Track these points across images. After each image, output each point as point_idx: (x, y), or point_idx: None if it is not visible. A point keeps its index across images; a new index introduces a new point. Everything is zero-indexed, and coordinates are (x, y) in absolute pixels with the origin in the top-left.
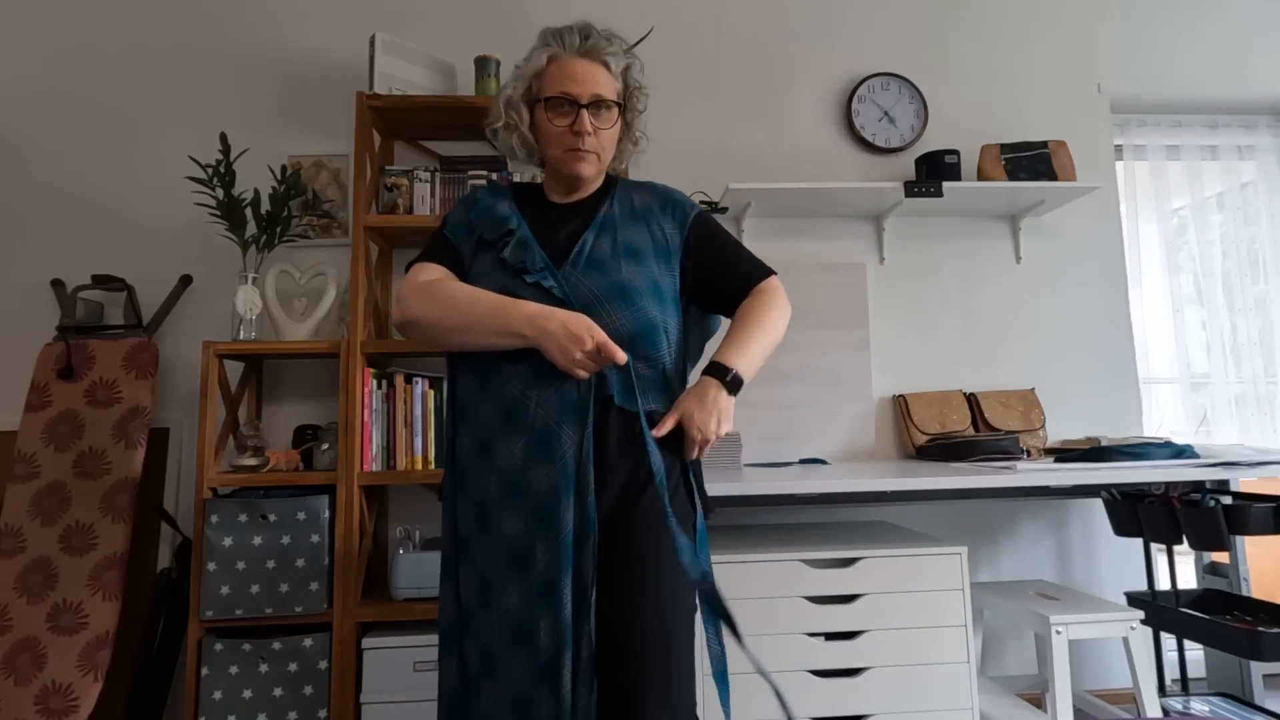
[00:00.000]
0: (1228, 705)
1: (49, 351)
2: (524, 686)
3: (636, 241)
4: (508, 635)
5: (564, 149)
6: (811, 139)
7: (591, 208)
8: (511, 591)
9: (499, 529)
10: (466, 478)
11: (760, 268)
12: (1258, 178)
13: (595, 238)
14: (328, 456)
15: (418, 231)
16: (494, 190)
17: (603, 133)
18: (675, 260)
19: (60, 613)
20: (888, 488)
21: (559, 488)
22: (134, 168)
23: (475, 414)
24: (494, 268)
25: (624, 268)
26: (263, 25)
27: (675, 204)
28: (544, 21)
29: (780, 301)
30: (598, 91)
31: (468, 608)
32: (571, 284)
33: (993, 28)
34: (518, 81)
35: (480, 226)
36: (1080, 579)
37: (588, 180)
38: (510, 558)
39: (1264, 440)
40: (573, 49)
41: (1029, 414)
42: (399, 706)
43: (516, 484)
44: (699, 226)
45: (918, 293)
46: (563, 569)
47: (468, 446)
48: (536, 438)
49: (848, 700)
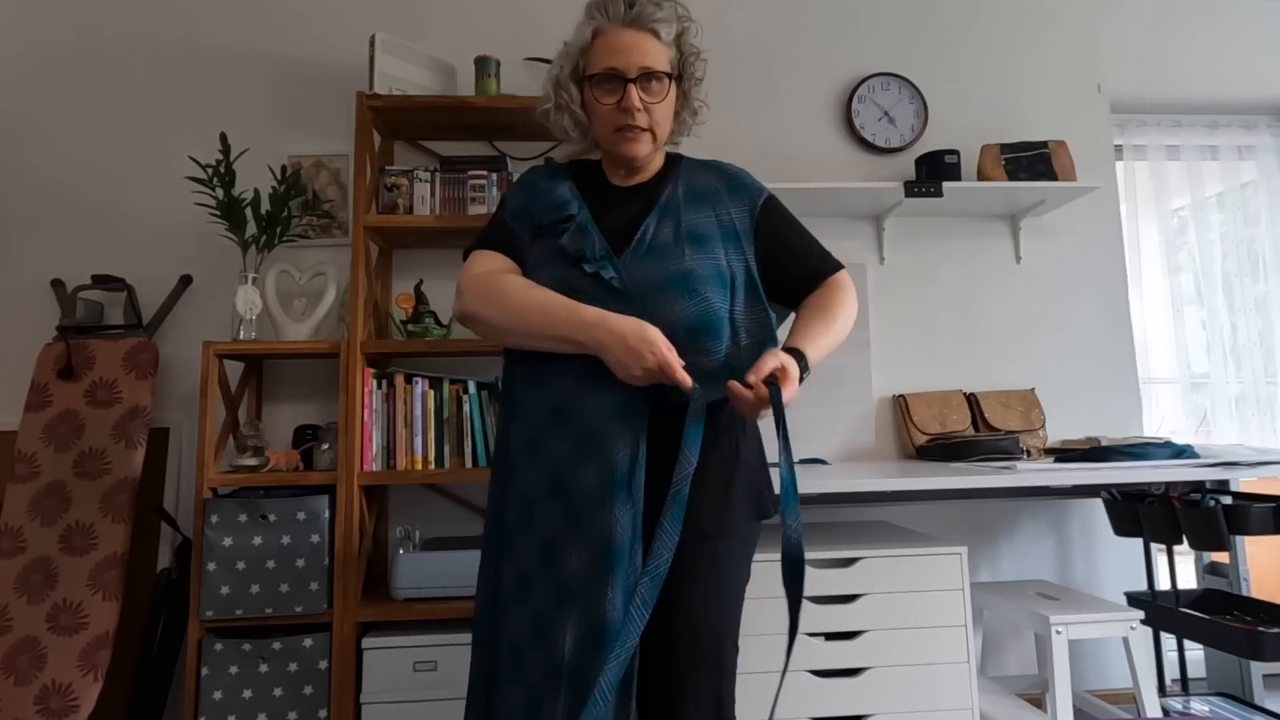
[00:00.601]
0: (1228, 705)
1: (49, 351)
2: (540, 687)
3: (701, 226)
4: (530, 633)
5: (613, 128)
6: (811, 139)
7: (653, 190)
8: (540, 589)
9: (538, 526)
10: (514, 472)
11: (830, 259)
12: (1258, 178)
13: (657, 223)
14: (328, 456)
15: (418, 231)
16: (552, 170)
17: (655, 107)
18: (745, 244)
19: (60, 613)
20: (888, 488)
21: (606, 489)
22: (134, 168)
23: (526, 409)
24: (551, 255)
25: (687, 254)
26: (263, 25)
27: (743, 185)
28: (544, 21)
29: (852, 299)
30: (645, 64)
31: (504, 602)
32: (631, 274)
33: (993, 28)
34: (565, 59)
35: (538, 211)
36: (1080, 579)
37: (642, 160)
38: (544, 556)
39: (1264, 440)
40: (617, 19)
41: (1029, 414)
42: (399, 706)
43: (561, 482)
44: (768, 212)
45: (918, 293)
46: (602, 571)
47: (518, 440)
48: (586, 438)
49: (848, 700)
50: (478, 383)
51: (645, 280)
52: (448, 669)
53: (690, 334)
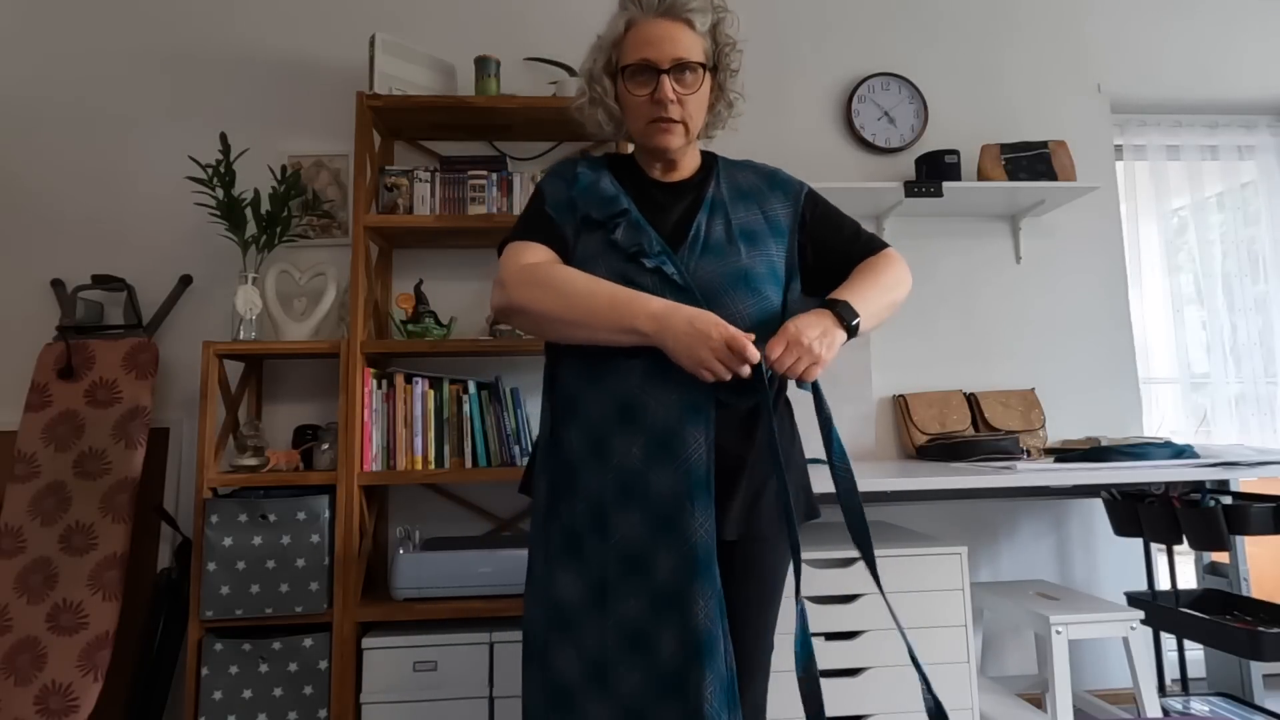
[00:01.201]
0: (1228, 705)
1: (49, 351)
2: (642, 699)
3: (750, 224)
4: (625, 644)
5: (646, 120)
6: (811, 139)
7: (697, 187)
8: (629, 598)
9: (616, 532)
10: (576, 476)
11: (878, 240)
12: (1258, 178)
13: (708, 220)
14: (328, 456)
15: (418, 231)
16: (591, 163)
17: (689, 99)
18: (791, 239)
19: (60, 613)
20: (888, 488)
21: (684, 492)
22: (134, 168)
23: (586, 409)
24: (606, 250)
25: (744, 252)
26: (263, 25)
27: (783, 181)
28: (544, 21)
29: (900, 266)
30: (679, 55)
31: (569, 615)
32: (692, 270)
33: (993, 28)
34: (598, 53)
35: (585, 204)
36: (1080, 579)
37: (675, 152)
38: (629, 563)
39: (1264, 440)
40: (650, 9)
41: (1029, 414)
42: (399, 706)
43: (635, 486)
44: (812, 204)
45: (918, 293)
46: (693, 578)
47: (577, 443)
48: (657, 439)
49: (848, 700)
50: (478, 383)
51: (708, 277)
52: (448, 669)
53: (755, 330)
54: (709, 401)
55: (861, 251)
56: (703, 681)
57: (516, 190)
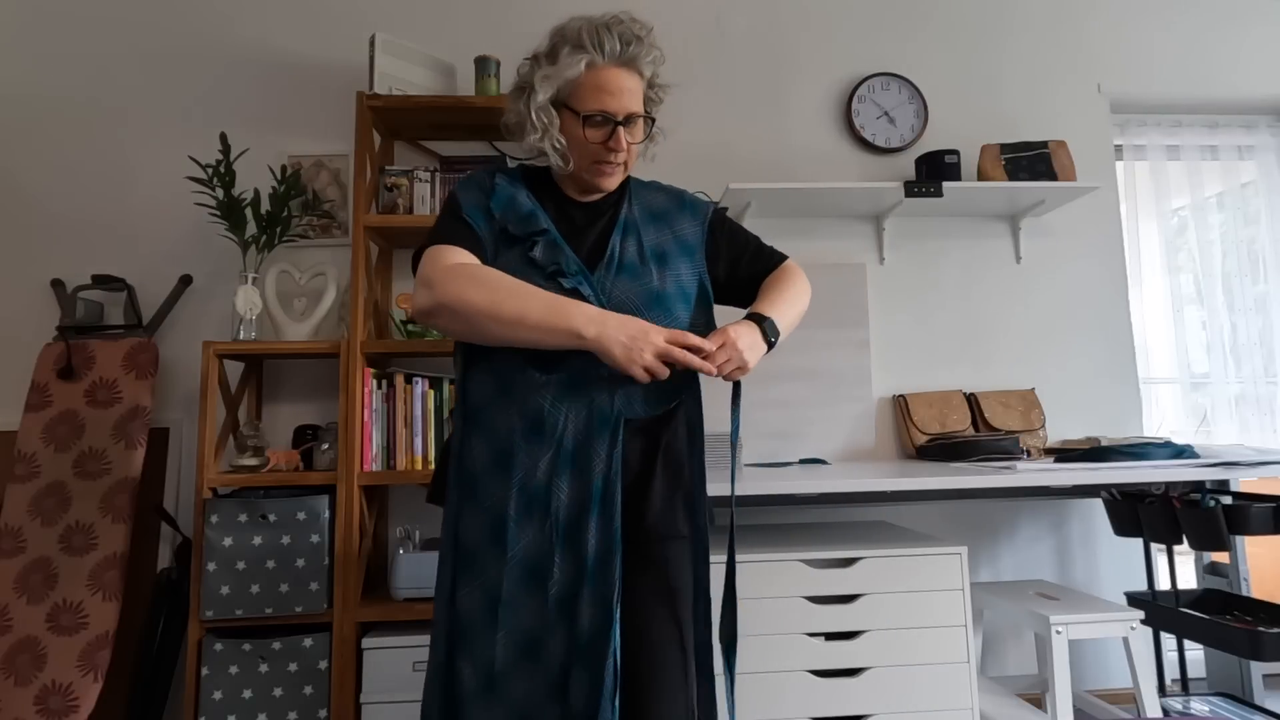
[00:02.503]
0: (1228, 705)
1: (49, 351)
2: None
3: (661, 245)
4: (515, 653)
5: (592, 161)
6: (811, 139)
7: (611, 208)
8: (526, 608)
9: (516, 544)
10: (476, 486)
11: (778, 253)
12: (1258, 178)
13: (622, 241)
14: (328, 456)
15: (418, 232)
16: (509, 176)
17: (634, 145)
18: (699, 257)
19: (60, 613)
20: (888, 488)
21: (585, 505)
22: (134, 168)
23: (492, 420)
24: (523, 267)
25: (655, 273)
26: (263, 25)
27: (691, 203)
28: (544, 21)
29: (801, 277)
30: (633, 108)
31: (466, 623)
32: (607, 290)
33: (993, 28)
34: (545, 83)
35: (505, 218)
36: (1080, 579)
37: (612, 189)
38: (529, 574)
39: (1264, 440)
40: (612, 57)
41: (1029, 414)
42: (399, 706)
43: (538, 499)
44: (719, 224)
45: (918, 293)
46: (583, 585)
47: (481, 454)
48: (565, 453)
49: (848, 700)
50: None
51: (622, 297)
52: None
53: None
54: (618, 416)
55: (765, 266)
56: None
57: None
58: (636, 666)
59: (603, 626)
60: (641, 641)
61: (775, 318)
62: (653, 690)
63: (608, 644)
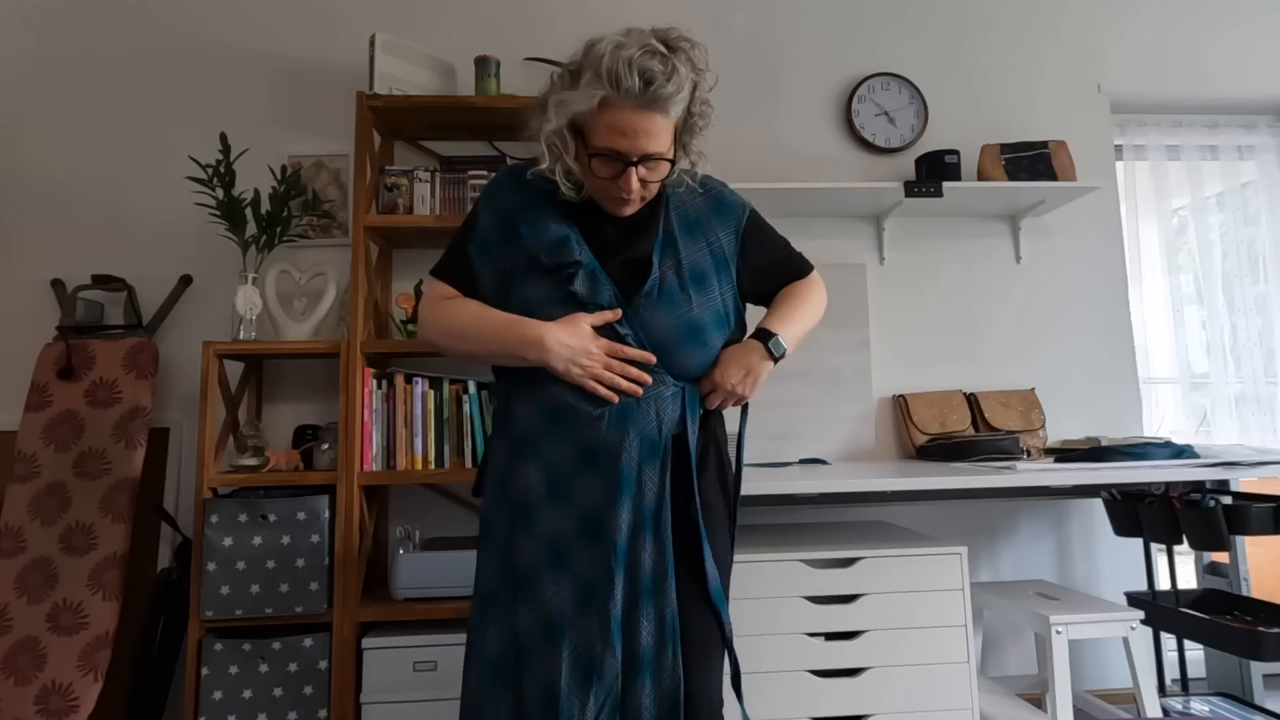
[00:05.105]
0: (1228, 705)
1: (49, 351)
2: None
3: (700, 264)
4: (576, 673)
5: (604, 195)
6: (811, 139)
7: (646, 220)
8: (583, 628)
9: (575, 566)
10: (531, 514)
11: (806, 263)
12: (1258, 178)
13: (660, 263)
14: (328, 456)
15: (418, 232)
16: (537, 190)
17: (652, 183)
18: (733, 267)
19: (60, 613)
20: (888, 488)
21: (640, 527)
22: (134, 167)
23: (544, 450)
24: (561, 299)
25: (694, 301)
26: (263, 25)
27: (726, 206)
28: (544, 21)
29: (820, 290)
30: (649, 149)
31: (527, 644)
32: (645, 326)
33: (993, 28)
34: (559, 109)
35: (535, 247)
36: (1080, 579)
37: (631, 213)
38: (587, 596)
39: (1264, 440)
40: (629, 95)
41: (1029, 414)
42: (399, 706)
43: (593, 524)
44: (751, 230)
45: (918, 293)
46: (640, 602)
47: (535, 481)
48: (622, 480)
49: (848, 700)
50: (478, 383)
51: (660, 330)
52: (448, 669)
53: (694, 376)
54: (666, 439)
55: (791, 274)
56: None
57: None
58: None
59: (661, 641)
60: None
61: (782, 333)
62: (699, 677)
63: (667, 659)
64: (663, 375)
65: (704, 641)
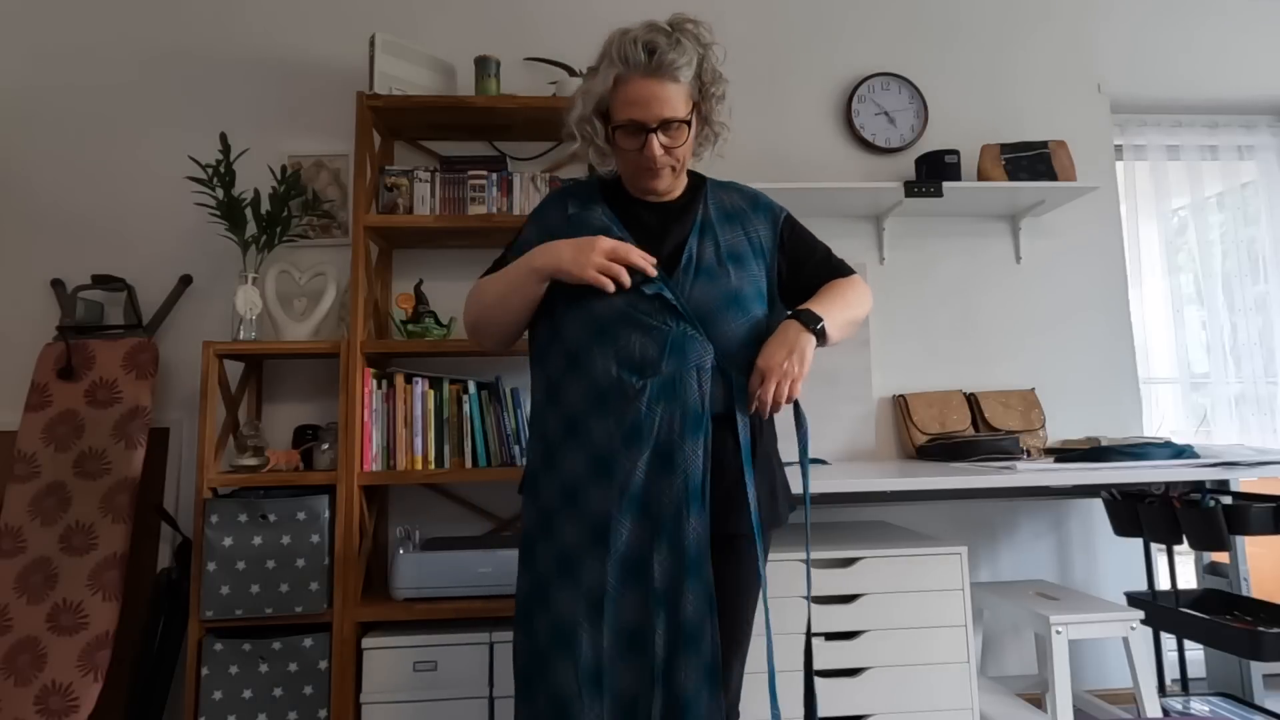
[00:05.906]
0: (1228, 705)
1: (49, 351)
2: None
3: (736, 246)
4: (624, 644)
5: (635, 168)
6: (811, 139)
7: (684, 209)
8: (629, 603)
9: (620, 543)
10: (577, 494)
11: (847, 265)
12: (1258, 178)
13: (699, 243)
14: (328, 456)
15: (418, 232)
16: (582, 195)
17: (676, 149)
18: (770, 259)
19: (60, 613)
20: (888, 488)
21: (682, 501)
22: (134, 168)
23: (591, 431)
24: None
25: (732, 274)
26: (263, 25)
27: (765, 205)
28: (544, 21)
29: (863, 287)
30: (664, 115)
31: (570, 623)
32: (686, 294)
33: (993, 28)
34: (586, 97)
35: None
36: (1080, 579)
37: (664, 190)
38: (631, 572)
39: (1264, 440)
40: (638, 68)
41: (1029, 414)
42: (399, 706)
43: (635, 499)
44: (790, 227)
45: (918, 293)
46: (685, 578)
47: (580, 463)
48: (662, 454)
49: (848, 700)
50: (478, 383)
51: (702, 300)
52: (448, 669)
53: (742, 346)
54: (708, 415)
55: (830, 274)
56: (688, 667)
57: (516, 190)
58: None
59: (704, 615)
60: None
61: (817, 310)
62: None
63: (708, 632)
64: (704, 342)
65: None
